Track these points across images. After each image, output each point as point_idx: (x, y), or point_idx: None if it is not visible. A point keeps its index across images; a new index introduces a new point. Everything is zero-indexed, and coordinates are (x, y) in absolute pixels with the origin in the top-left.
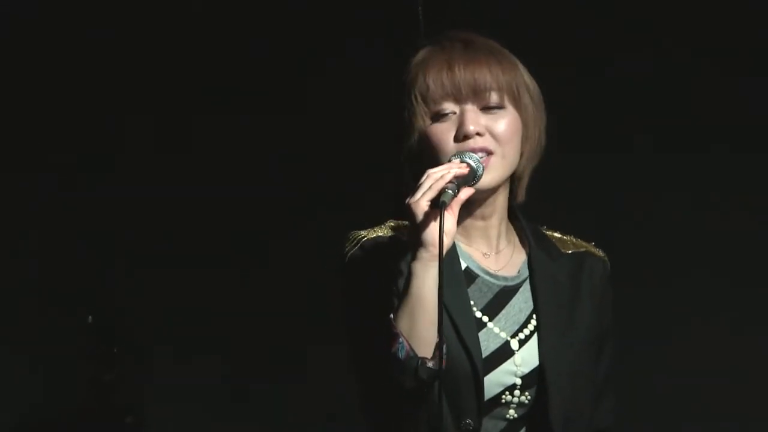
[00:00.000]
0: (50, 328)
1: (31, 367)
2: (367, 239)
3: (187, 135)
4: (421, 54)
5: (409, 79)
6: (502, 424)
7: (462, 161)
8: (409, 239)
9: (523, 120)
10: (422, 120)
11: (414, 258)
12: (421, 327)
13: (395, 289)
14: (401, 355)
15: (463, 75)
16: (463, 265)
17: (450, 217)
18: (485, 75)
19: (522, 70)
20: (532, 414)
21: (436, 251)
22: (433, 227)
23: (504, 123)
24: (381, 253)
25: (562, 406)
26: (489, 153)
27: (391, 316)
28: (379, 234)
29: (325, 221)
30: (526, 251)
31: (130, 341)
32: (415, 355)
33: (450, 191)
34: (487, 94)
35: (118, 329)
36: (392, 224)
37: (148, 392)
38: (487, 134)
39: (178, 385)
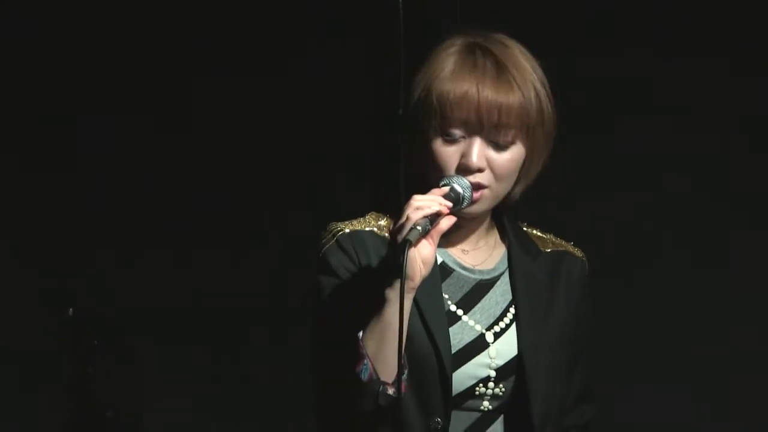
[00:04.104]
0: (29, 321)
1: (9, 361)
2: (344, 233)
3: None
4: (450, 58)
5: (428, 80)
6: (476, 416)
7: (450, 188)
8: (390, 265)
9: (527, 153)
10: (431, 131)
11: (390, 285)
12: (388, 352)
13: (366, 299)
14: (364, 377)
15: (488, 109)
16: (439, 260)
17: (428, 246)
18: (510, 114)
19: (543, 90)
20: (509, 406)
21: (410, 284)
22: (411, 258)
23: (507, 160)
24: (357, 250)
25: (541, 397)
26: (483, 188)
27: (360, 334)
28: (357, 229)
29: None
30: (505, 246)
31: (110, 334)
32: (378, 378)
33: (419, 227)
34: (504, 131)
35: (99, 322)
36: (374, 217)
37: (129, 386)
38: (488, 170)
39: (159, 380)
